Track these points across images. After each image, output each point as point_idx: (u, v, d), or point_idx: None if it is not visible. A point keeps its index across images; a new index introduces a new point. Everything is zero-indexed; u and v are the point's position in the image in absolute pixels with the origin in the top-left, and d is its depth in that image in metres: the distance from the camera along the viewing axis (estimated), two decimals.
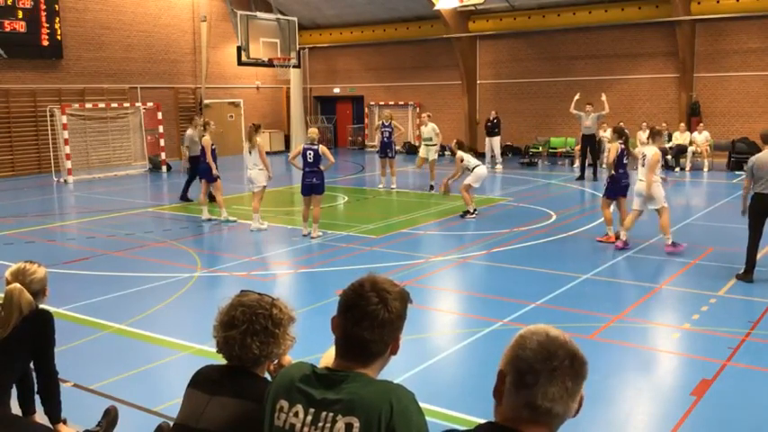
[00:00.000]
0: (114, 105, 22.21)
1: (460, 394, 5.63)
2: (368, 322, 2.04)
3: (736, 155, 19.67)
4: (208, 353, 5.87)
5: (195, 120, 16.15)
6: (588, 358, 1.78)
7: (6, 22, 20.16)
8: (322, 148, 11.43)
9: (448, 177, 13.95)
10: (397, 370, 5.51)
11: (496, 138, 21.64)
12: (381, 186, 17.54)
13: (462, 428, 2.00)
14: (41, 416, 3.99)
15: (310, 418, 2.03)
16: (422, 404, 2.05)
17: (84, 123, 21.33)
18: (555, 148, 23.80)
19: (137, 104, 22.77)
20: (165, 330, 7.15)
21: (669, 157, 19.91)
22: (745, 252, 8.63)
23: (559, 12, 22.73)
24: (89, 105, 21.33)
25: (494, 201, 15.50)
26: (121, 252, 10.79)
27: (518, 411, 1.74)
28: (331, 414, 2.00)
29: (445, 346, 6.73)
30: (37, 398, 4.00)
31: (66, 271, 9.57)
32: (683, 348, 6.66)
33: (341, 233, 11.87)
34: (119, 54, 23.29)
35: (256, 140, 12.12)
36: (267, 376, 2.64)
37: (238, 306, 2.56)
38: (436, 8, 23.06)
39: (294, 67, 24.47)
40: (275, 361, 2.68)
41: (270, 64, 22.71)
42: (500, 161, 21.47)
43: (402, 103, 27.54)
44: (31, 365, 3.92)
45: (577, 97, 18.76)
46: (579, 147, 19.50)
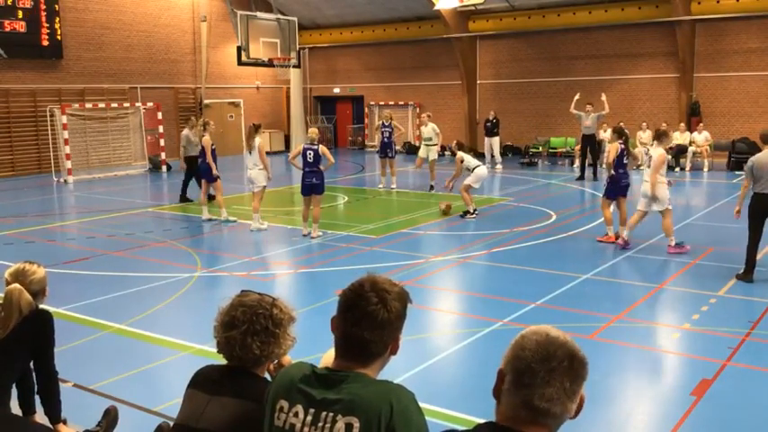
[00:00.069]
0: (114, 105, 22.22)
1: (460, 394, 5.63)
2: (367, 322, 2.04)
3: (736, 155, 19.67)
4: (208, 353, 5.87)
5: (191, 120, 16.19)
6: (588, 358, 1.78)
7: (6, 22, 20.17)
8: (322, 149, 11.44)
9: (449, 180, 13.90)
10: (397, 370, 5.51)
11: (495, 138, 21.64)
12: (381, 186, 17.54)
13: (462, 428, 2.00)
14: (41, 416, 3.99)
15: (310, 419, 2.03)
16: (422, 404, 2.05)
17: (84, 123, 21.34)
18: (555, 148, 23.80)
19: (137, 104, 22.77)
20: (165, 330, 7.15)
21: (669, 158, 19.87)
22: (744, 252, 8.64)
23: (559, 12, 22.73)
24: (89, 105, 21.34)
25: (494, 201, 15.50)
26: (121, 252, 10.79)
27: (516, 411, 1.74)
28: (331, 414, 2.00)
29: (445, 346, 6.73)
30: (37, 398, 4.00)
31: (66, 271, 9.57)
32: (683, 348, 6.66)
33: (341, 233, 11.87)
34: (119, 54, 23.29)
35: (255, 141, 12.12)
36: (267, 376, 2.64)
37: (239, 306, 2.56)
38: (436, 8, 23.06)
39: (294, 67, 24.46)
40: (275, 361, 2.68)
41: (270, 64, 22.70)
42: (500, 161, 21.46)
43: (402, 103, 27.54)
44: (31, 365, 3.92)
45: (577, 97, 18.75)
46: (579, 147, 19.50)
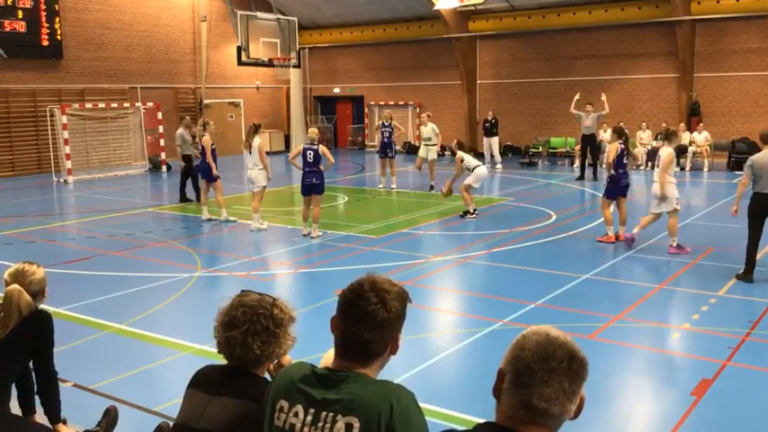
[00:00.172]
0: (114, 105, 22.22)
1: (460, 394, 5.63)
2: (367, 322, 2.04)
3: (736, 155, 19.67)
4: (208, 353, 5.87)
5: (186, 119, 16.38)
6: (588, 358, 1.77)
7: (6, 22, 20.17)
8: (322, 149, 11.44)
9: (449, 182, 13.90)
10: (397, 370, 5.51)
11: (495, 138, 21.64)
12: (381, 186, 17.54)
13: (462, 428, 2.00)
14: (41, 416, 3.99)
15: (310, 419, 2.03)
16: (422, 404, 2.05)
17: (84, 123, 21.34)
18: (555, 148, 23.80)
19: (137, 104, 22.78)
20: (165, 330, 7.15)
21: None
22: (744, 252, 8.63)
23: (559, 12, 22.73)
24: (89, 105, 21.34)
25: (494, 201, 15.50)
26: (121, 252, 10.79)
27: (515, 411, 1.74)
28: (331, 414, 2.00)
29: (445, 346, 6.73)
30: (37, 398, 4.00)
31: (66, 271, 9.58)
32: (683, 348, 6.66)
33: (341, 233, 11.87)
34: (119, 54, 23.29)
35: (253, 141, 12.10)
36: (267, 376, 2.64)
37: (239, 306, 2.56)
38: (436, 8, 23.06)
39: (294, 67, 24.47)
40: (275, 361, 2.68)
41: (270, 64, 22.71)
42: (500, 161, 21.46)
43: (402, 103, 27.54)
44: (31, 366, 3.92)
45: (577, 97, 18.75)
46: (579, 147, 19.50)
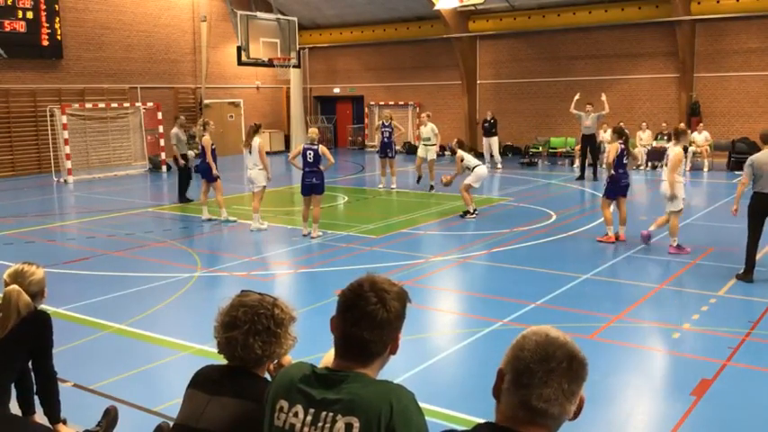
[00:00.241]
0: (114, 105, 22.21)
1: (460, 394, 5.63)
2: (367, 322, 2.04)
3: (736, 155, 19.66)
4: (208, 353, 5.87)
5: (180, 118, 16.52)
6: (588, 358, 1.77)
7: (6, 22, 20.17)
8: (322, 149, 11.44)
9: (450, 176, 13.88)
10: (397, 370, 5.51)
11: (494, 138, 21.66)
12: (381, 186, 17.54)
13: (462, 428, 1.99)
14: (41, 416, 3.99)
15: (310, 419, 2.03)
16: (422, 404, 2.05)
17: (84, 123, 21.34)
18: (555, 148, 23.80)
19: (137, 104, 22.77)
20: (165, 330, 7.15)
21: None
22: (744, 252, 8.63)
23: (559, 12, 22.73)
24: (89, 105, 21.34)
25: (494, 201, 15.50)
26: (121, 252, 10.79)
27: (515, 411, 1.74)
28: (331, 414, 2.00)
29: (445, 346, 6.73)
30: (37, 398, 4.00)
31: (66, 271, 9.58)
32: (683, 348, 6.66)
33: (341, 233, 11.87)
34: (119, 54, 23.29)
35: (253, 141, 12.11)
36: (267, 376, 2.64)
37: (240, 306, 2.55)
38: (436, 8, 23.06)
39: (294, 67, 24.46)
40: (275, 361, 2.68)
41: (270, 64, 22.70)
42: (500, 161, 21.47)
43: (402, 103, 27.54)
44: (30, 366, 3.92)
45: (577, 97, 18.76)
46: (579, 147, 19.49)
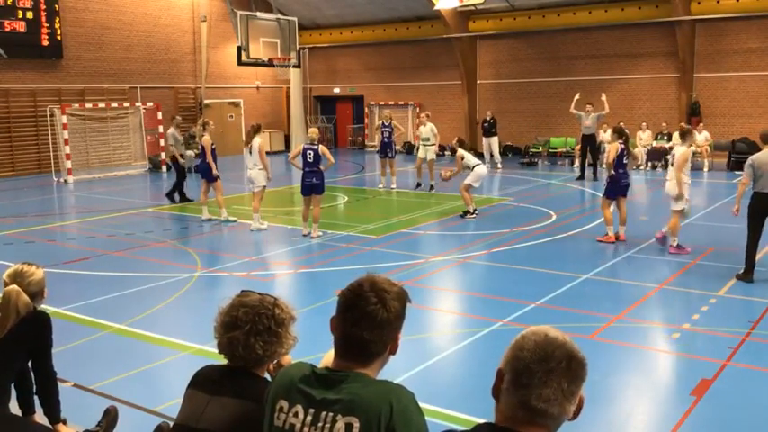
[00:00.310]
0: (114, 105, 22.21)
1: (460, 394, 5.63)
2: (367, 322, 2.04)
3: (736, 155, 19.66)
4: (208, 353, 5.87)
5: (176, 118, 16.70)
6: (588, 358, 1.77)
7: (6, 22, 20.17)
8: (322, 149, 11.44)
9: (449, 171, 13.83)
10: (397, 370, 5.51)
11: (494, 138, 21.67)
12: (381, 186, 17.54)
13: (462, 429, 1.99)
14: (41, 416, 3.99)
15: (310, 419, 2.03)
16: (422, 404, 2.05)
17: (84, 123, 21.33)
18: (555, 148, 23.80)
19: (137, 104, 22.77)
20: (165, 330, 7.15)
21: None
22: (744, 252, 8.63)
23: (559, 12, 22.73)
24: (89, 105, 21.33)
25: (494, 201, 15.50)
26: (121, 252, 10.79)
27: (515, 411, 1.74)
28: (331, 414, 2.00)
29: (445, 346, 6.73)
30: (36, 398, 4.00)
31: (66, 271, 9.57)
32: (683, 348, 6.65)
33: (341, 233, 11.87)
34: (119, 54, 23.29)
35: (254, 141, 12.11)
36: (267, 376, 2.64)
37: (240, 306, 2.55)
38: (436, 8, 23.06)
39: (294, 67, 24.46)
40: (275, 361, 2.68)
41: (270, 64, 22.70)
42: (500, 161, 21.48)
43: (402, 103, 27.53)
44: (30, 366, 3.92)
45: (577, 97, 18.76)
46: (579, 147, 19.49)
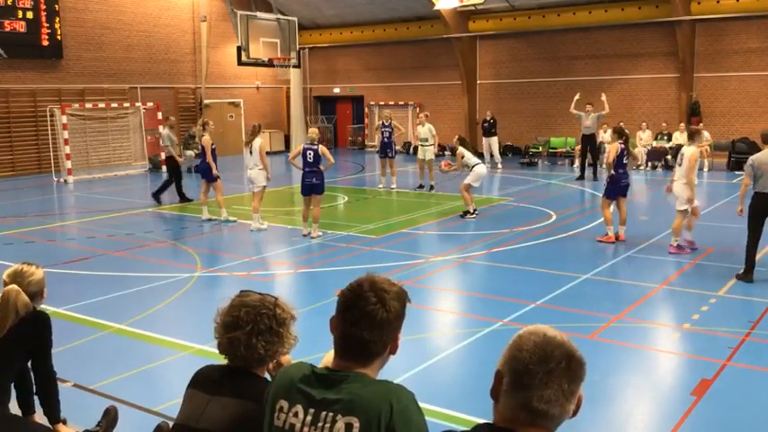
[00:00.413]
0: (114, 105, 22.21)
1: (460, 394, 5.63)
2: (366, 322, 2.04)
3: (736, 155, 19.66)
4: (208, 353, 5.87)
5: (171, 119, 16.80)
6: (588, 358, 1.77)
7: (6, 22, 20.16)
8: (322, 149, 11.44)
9: (450, 164, 13.79)
10: (397, 370, 5.51)
11: (494, 138, 21.68)
12: (381, 186, 17.54)
13: (462, 429, 1.99)
14: (41, 416, 3.99)
15: (310, 419, 2.03)
16: (422, 404, 2.05)
17: (84, 123, 21.33)
18: (555, 148, 23.80)
19: (137, 104, 22.77)
20: (165, 330, 7.15)
21: (669, 157, 19.92)
22: (744, 252, 8.63)
23: (559, 12, 22.73)
24: (89, 105, 21.33)
25: (494, 201, 15.50)
26: (121, 252, 10.79)
27: (515, 413, 1.73)
28: (331, 414, 2.00)
29: (445, 346, 6.73)
30: (36, 398, 4.00)
31: (66, 271, 9.57)
32: (683, 348, 6.66)
33: (341, 233, 11.87)
34: (119, 54, 23.29)
35: (254, 141, 12.12)
36: (267, 376, 2.64)
37: (241, 307, 2.55)
38: (436, 8, 23.05)
39: (294, 67, 24.45)
40: (275, 360, 2.67)
41: (270, 64, 22.70)
42: (500, 161, 21.48)
43: (402, 103, 27.53)
44: (30, 366, 3.91)
45: (577, 97, 18.76)
46: (579, 147, 19.50)
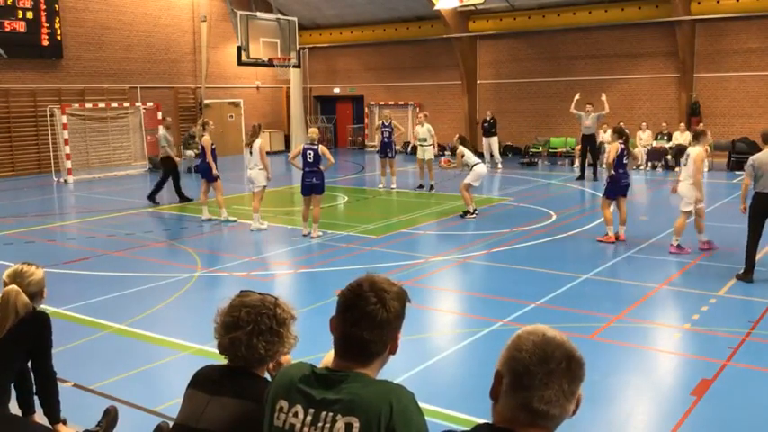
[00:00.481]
0: (114, 105, 22.21)
1: (460, 394, 5.63)
2: (366, 322, 2.04)
3: (736, 155, 19.65)
4: (208, 353, 5.87)
5: (167, 120, 16.88)
6: (588, 358, 1.77)
7: (6, 22, 20.16)
8: (322, 149, 11.44)
9: (449, 162, 13.81)
10: (397, 370, 5.51)
11: (494, 138, 21.68)
12: (381, 186, 17.54)
13: (462, 429, 1.99)
14: (41, 416, 3.99)
15: (310, 419, 2.03)
16: (422, 404, 2.05)
17: (84, 123, 21.33)
18: (555, 148, 23.80)
19: (137, 104, 22.77)
20: (165, 330, 7.15)
21: (669, 157, 19.93)
22: (744, 252, 8.63)
23: (559, 12, 22.72)
24: (89, 105, 21.33)
25: (494, 201, 15.50)
26: (121, 252, 10.79)
27: (515, 413, 1.73)
28: (331, 414, 2.00)
29: (445, 346, 6.73)
30: (36, 398, 4.00)
31: (66, 271, 9.57)
32: (683, 348, 6.66)
33: (341, 233, 11.87)
34: (119, 54, 23.28)
35: (255, 141, 12.13)
36: (267, 376, 2.64)
37: (242, 307, 2.55)
38: (436, 8, 23.05)
39: (294, 67, 24.45)
40: (275, 360, 2.67)
41: (270, 64, 22.69)
42: (500, 161, 21.49)
43: (402, 103, 27.53)
44: (30, 366, 3.91)
45: (577, 97, 18.76)
46: (579, 147, 19.50)
